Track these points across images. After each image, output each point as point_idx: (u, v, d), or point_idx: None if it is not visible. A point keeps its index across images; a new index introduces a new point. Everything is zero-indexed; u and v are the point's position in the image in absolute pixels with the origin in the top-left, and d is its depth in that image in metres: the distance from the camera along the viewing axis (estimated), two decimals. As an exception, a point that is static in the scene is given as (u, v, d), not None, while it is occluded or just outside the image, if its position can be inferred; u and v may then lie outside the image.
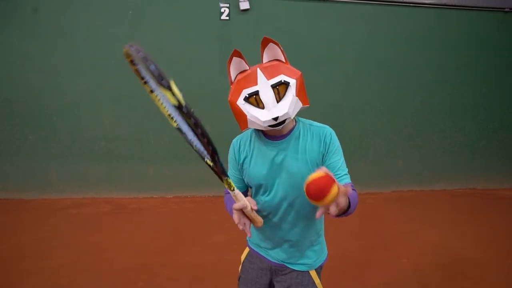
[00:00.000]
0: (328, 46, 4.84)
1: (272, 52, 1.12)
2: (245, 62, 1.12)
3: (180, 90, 0.89)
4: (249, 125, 1.07)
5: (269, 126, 1.02)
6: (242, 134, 1.22)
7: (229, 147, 1.22)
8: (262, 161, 1.12)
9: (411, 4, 4.92)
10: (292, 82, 1.05)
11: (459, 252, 3.11)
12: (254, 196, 1.17)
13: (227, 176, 0.95)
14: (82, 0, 4.36)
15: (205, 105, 4.65)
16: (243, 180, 1.19)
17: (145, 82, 0.90)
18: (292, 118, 1.06)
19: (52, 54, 4.37)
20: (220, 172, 0.93)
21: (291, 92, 1.04)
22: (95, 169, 4.57)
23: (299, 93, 1.06)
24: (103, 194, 4.58)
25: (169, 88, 0.84)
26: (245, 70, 1.12)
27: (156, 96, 0.93)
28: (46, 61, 4.38)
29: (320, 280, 1.25)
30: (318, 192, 0.76)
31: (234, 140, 1.21)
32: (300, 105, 1.08)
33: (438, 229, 3.65)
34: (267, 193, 1.13)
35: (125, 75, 4.51)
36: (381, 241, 3.34)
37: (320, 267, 1.27)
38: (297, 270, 1.19)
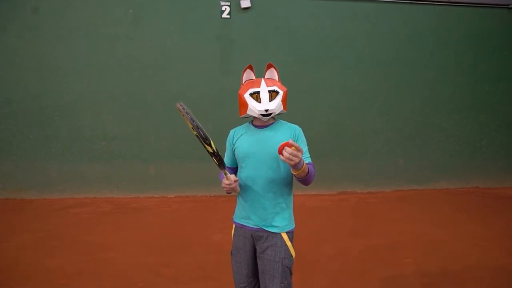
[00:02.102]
0: (329, 44, 4.82)
1: (272, 73, 1.67)
2: (254, 74, 1.67)
3: (181, 88, 1.02)
4: (248, 112, 1.58)
5: (261, 114, 1.55)
6: (237, 127, 1.73)
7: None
8: (248, 139, 1.63)
9: (412, 2, 4.89)
10: (281, 92, 1.59)
11: (462, 251, 3.09)
12: (240, 168, 1.65)
13: (225, 168, 1.53)
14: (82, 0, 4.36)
15: (206, 103, 4.65)
16: (234, 158, 1.69)
17: (189, 119, 1.42)
18: (276, 113, 1.57)
19: (52, 54, 4.37)
20: (222, 167, 1.52)
21: (279, 98, 1.57)
22: (96, 169, 4.56)
23: (283, 101, 1.59)
24: (103, 194, 4.58)
25: (209, 145, 1.45)
26: (251, 79, 1.67)
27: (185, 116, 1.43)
28: (46, 61, 4.38)
29: (291, 243, 1.58)
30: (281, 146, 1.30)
31: (231, 130, 1.75)
32: (281, 108, 1.59)
33: (440, 228, 3.64)
34: (249, 164, 1.59)
35: (125, 75, 4.52)
36: (383, 240, 3.32)
37: (291, 233, 1.60)
38: (271, 232, 1.55)
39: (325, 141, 4.80)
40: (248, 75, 1.67)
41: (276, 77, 1.66)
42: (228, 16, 4.60)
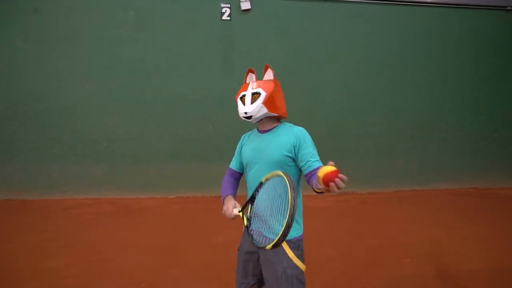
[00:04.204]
0: (329, 46, 4.84)
1: (268, 74, 1.59)
2: (255, 76, 1.64)
3: (182, 89, 0.94)
4: (239, 115, 1.56)
5: (243, 117, 1.53)
6: (248, 132, 1.72)
7: (229, 144, 1.90)
8: (250, 146, 1.61)
9: (412, 4, 4.92)
10: (263, 94, 1.50)
11: (462, 252, 3.11)
12: (245, 172, 1.62)
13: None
14: (85, 2, 4.38)
15: (207, 104, 4.67)
16: (241, 163, 1.69)
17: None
18: (257, 116, 1.51)
19: (55, 56, 4.40)
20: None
21: (260, 100, 1.50)
22: (98, 170, 4.59)
23: (266, 102, 1.50)
24: (105, 195, 4.60)
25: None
26: (247, 83, 1.62)
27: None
28: (49, 63, 4.40)
29: (295, 254, 1.48)
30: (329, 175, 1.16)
31: (242, 136, 1.73)
32: (265, 110, 1.50)
33: (440, 229, 3.65)
34: (251, 169, 1.56)
35: (127, 77, 4.54)
36: (383, 241, 3.34)
37: (294, 242, 1.50)
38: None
39: (326, 142, 4.82)
40: (250, 78, 1.64)
41: (272, 77, 1.57)
42: (229, 18, 4.62)
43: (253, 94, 1.51)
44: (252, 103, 1.50)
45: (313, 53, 4.81)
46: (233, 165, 1.72)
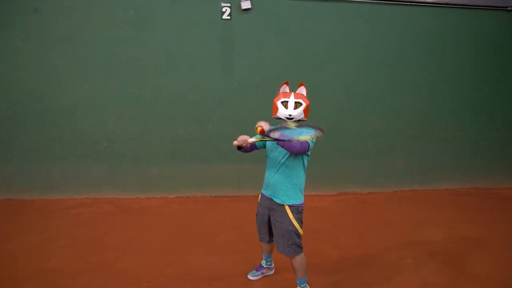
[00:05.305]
0: (329, 46, 4.84)
1: (301, 90, 2.28)
2: (288, 87, 2.30)
3: (183, 89, 0.97)
4: (278, 114, 2.20)
5: (286, 117, 2.17)
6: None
7: (229, 144, 2.18)
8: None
9: (413, 4, 4.91)
10: (304, 104, 2.19)
11: (462, 252, 3.11)
12: (267, 154, 2.28)
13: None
14: (85, 2, 4.38)
15: (207, 104, 4.67)
16: (264, 144, 2.29)
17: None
18: (296, 119, 2.17)
19: (55, 56, 4.39)
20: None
21: (301, 108, 2.18)
22: (98, 170, 4.59)
23: (304, 111, 2.19)
24: (105, 195, 4.60)
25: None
26: (286, 91, 2.28)
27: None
28: (50, 62, 4.40)
29: (294, 216, 2.18)
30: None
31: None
32: (302, 115, 2.19)
33: (440, 229, 3.66)
34: (271, 153, 2.24)
35: (128, 77, 4.54)
36: (384, 241, 3.35)
37: (295, 208, 2.20)
38: (277, 203, 2.20)
39: (326, 142, 4.79)
40: (284, 88, 2.30)
41: (304, 93, 2.25)
42: (229, 17, 4.61)
43: (296, 102, 2.17)
44: (295, 109, 2.17)
45: (313, 53, 4.81)
46: (258, 143, 2.24)
